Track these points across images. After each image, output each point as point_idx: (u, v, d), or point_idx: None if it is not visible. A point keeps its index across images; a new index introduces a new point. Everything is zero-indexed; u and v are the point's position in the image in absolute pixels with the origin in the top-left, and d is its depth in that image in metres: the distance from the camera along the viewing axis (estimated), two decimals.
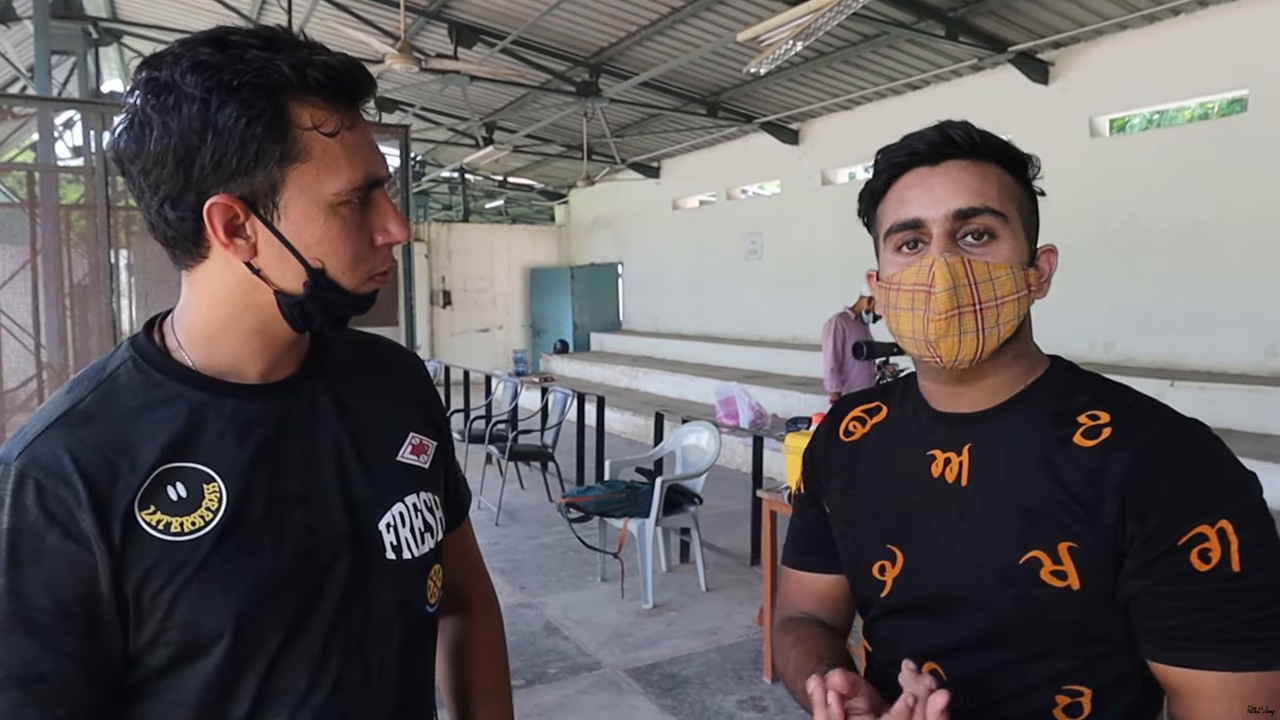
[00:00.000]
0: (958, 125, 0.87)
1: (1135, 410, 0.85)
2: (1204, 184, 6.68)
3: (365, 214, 0.79)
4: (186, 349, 0.81)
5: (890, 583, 0.93)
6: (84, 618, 0.73)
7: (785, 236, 10.94)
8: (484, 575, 1.13)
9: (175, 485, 0.76)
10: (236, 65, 0.71)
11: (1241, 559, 0.76)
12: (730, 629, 4.15)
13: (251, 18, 9.23)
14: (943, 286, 0.82)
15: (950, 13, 7.16)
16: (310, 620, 0.81)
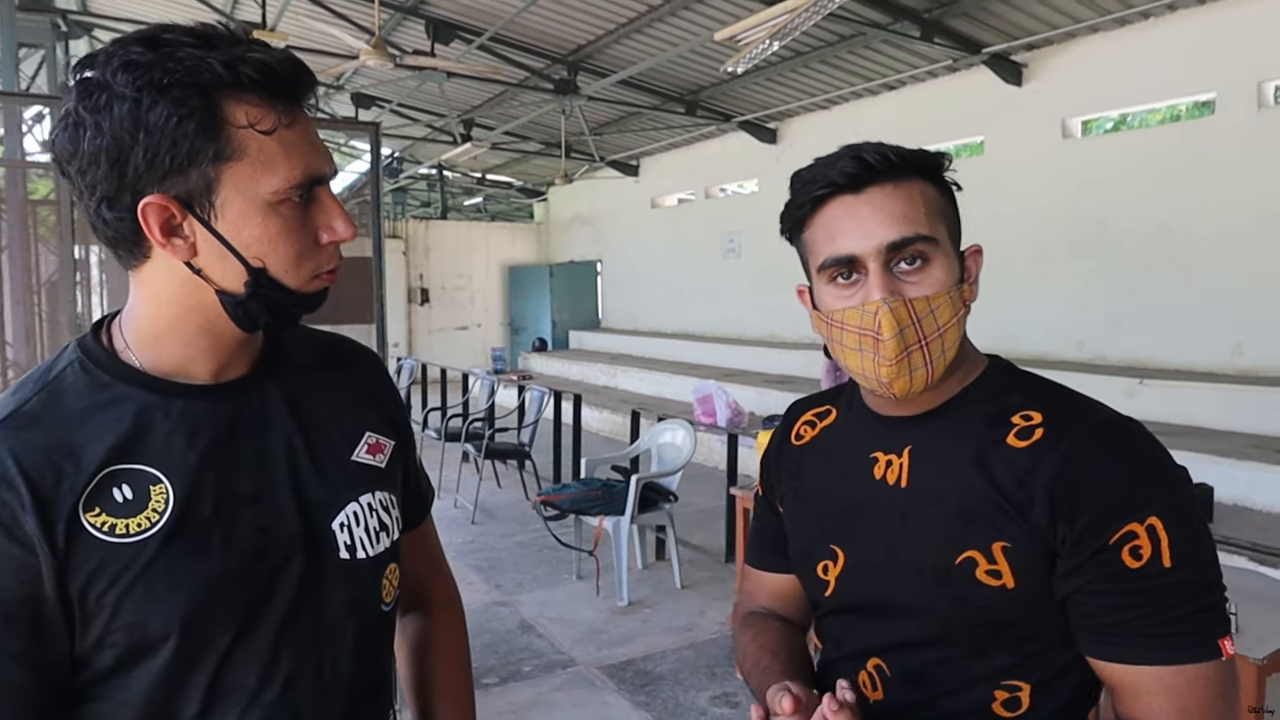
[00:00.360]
0: (871, 149, 0.86)
1: (1067, 410, 0.87)
2: (1173, 186, 6.79)
3: (309, 212, 0.78)
4: (134, 350, 0.81)
5: (833, 582, 0.95)
6: (28, 619, 0.73)
7: (763, 235, 10.96)
8: (446, 573, 1.12)
9: (121, 487, 0.76)
10: (167, 64, 0.70)
11: (1172, 554, 0.78)
12: (704, 625, 4.17)
13: (225, 11, 9.13)
14: (890, 333, 0.83)
15: (925, 14, 7.22)
16: (260, 620, 0.81)
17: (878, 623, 0.90)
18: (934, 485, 0.88)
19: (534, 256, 16.49)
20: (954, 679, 0.87)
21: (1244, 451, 5.37)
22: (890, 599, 0.90)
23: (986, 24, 7.37)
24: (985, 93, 8.08)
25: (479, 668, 3.62)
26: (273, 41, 3.21)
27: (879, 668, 0.90)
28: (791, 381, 8.95)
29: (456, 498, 6.51)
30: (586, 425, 7.58)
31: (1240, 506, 5.10)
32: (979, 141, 8.65)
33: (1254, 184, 6.29)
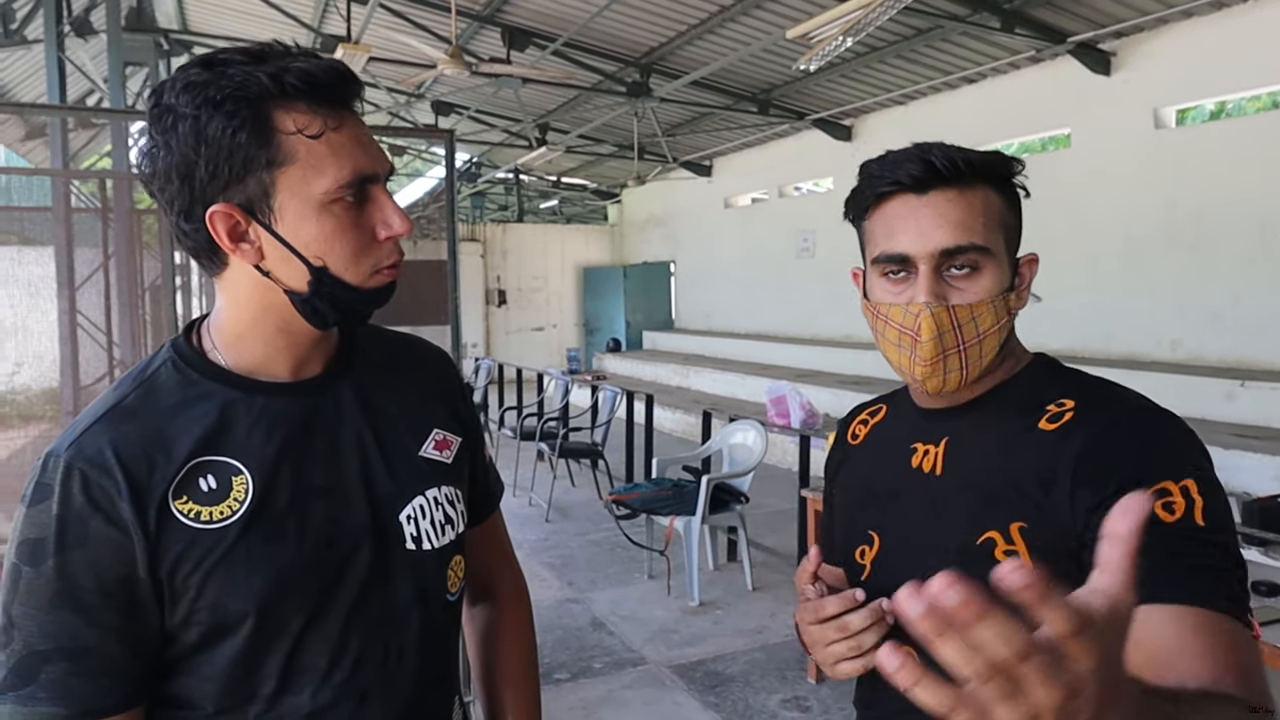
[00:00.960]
0: (939, 152, 0.87)
1: (1100, 397, 0.87)
2: (1276, 176, 6.42)
3: (364, 210, 0.82)
4: (220, 350, 0.87)
5: (869, 565, 0.98)
6: (124, 597, 0.79)
7: (838, 234, 10.72)
8: (514, 565, 1.16)
9: (206, 477, 0.82)
10: (220, 81, 0.76)
11: (1205, 516, 0.76)
12: (775, 628, 4.15)
13: (313, 26, 9.50)
14: (929, 336, 0.86)
15: (1006, 4, 7.01)
16: (331, 605, 0.85)
17: None
18: (965, 472, 0.91)
19: (608, 258, 16.63)
20: None
21: None
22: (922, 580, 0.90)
23: (1071, 12, 7.11)
24: (1071, 83, 7.79)
25: (551, 663, 3.69)
26: (356, 54, 3.37)
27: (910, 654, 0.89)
28: (866, 382, 8.80)
29: (531, 495, 6.62)
30: (659, 426, 7.62)
31: None
32: (1065, 134, 8.34)
33: None
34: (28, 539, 0.77)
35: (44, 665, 0.77)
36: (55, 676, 0.77)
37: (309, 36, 9.82)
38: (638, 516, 4.80)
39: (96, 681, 0.78)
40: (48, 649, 0.77)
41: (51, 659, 0.77)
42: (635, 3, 8.08)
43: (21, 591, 0.77)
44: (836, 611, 0.87)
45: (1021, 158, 0.93)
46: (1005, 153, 0.92)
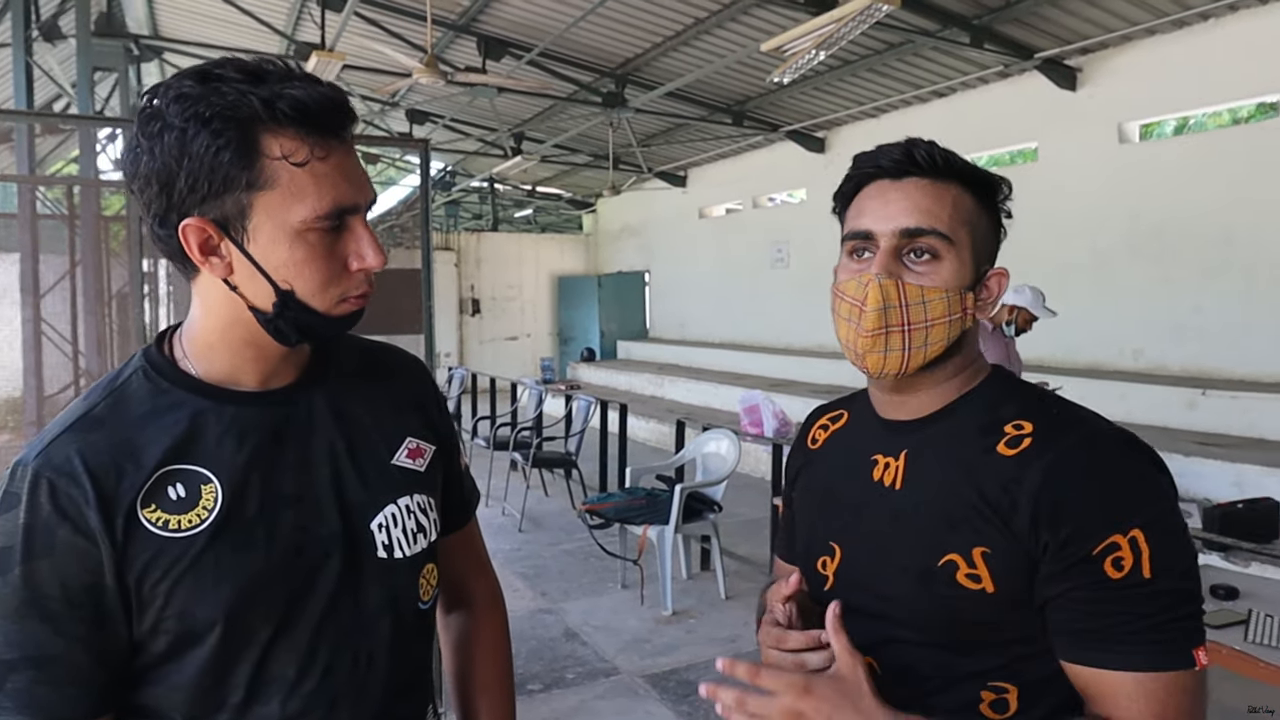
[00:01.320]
0: (923, 144, 0.90)
1: (1057, 421, 0.88)
2: (1237, 190, 6.58)
3: (340, 239, 0.82)
4: (191, 359, 0.87)
5: (831, 576, 0.98)
6: (90, 606, 0.78)
7: (812, 244, 10.92)
8: (489, 572, 1.17)
9: (175, 485, 0.82)
10: (212, 97, 0.76)
11: (1152, 566, 0.79)
12: (749, 637, 4.16)
13: (286, 33, 9.44)
14: (873, 306, 0.87)
15: (975, 20, 7.14)
16: (300, 613, 0.85)
17: (870, 620, 0.93)
18: (924, 489, 0.91)
19: (582, 267, 16.64)
20: (941, 677, 0.89)
21: None
22: (880, 597, 0.92)
23: (1038, 29, 7.26)
24: (1038, 98, 7.94)
25: (524, 674, 3.67)
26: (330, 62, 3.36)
27: (870, 665, 0.92)
28: (839, 391, 8.79)
29: (504, 505, 6.60)
30: (633, 435, 7.63)
31: None
32: (1033, 148, 8.50)
33: None
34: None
35: (9, 675, 0.76)
36: (21, 686, 0.76)
37: (282, 43, 9.75)
38: (611, 526, 4.80)
39: (63, 690, 0.78)
40: (13, 658, 0.76)
41: (17, 668, 0.76)
42: (611, 14, 8.12)
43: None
44: (798, 647, 0.90)
45: (1007, 179, 0.95)
46: (989, 170, 0.94)
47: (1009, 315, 4.85)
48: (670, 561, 4.50)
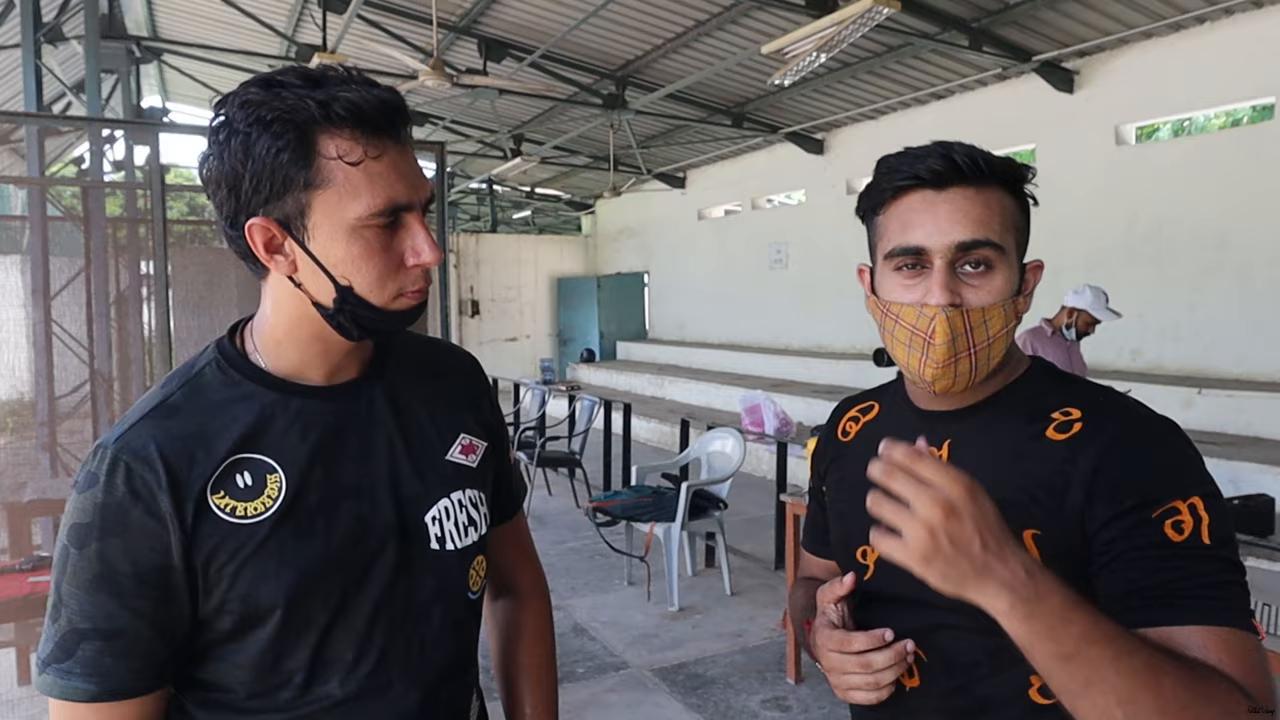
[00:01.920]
0: (961, 150, 0.88)
1: (1104, 406, 0.90)
2: (1233, 192, 6.66)
3: (395, 236, 0.86)
4: (261, 353, 0.92)
5: (873, 566, 0.98)
6: (157, 584, 0.83)
7: (810, 246, 10.99)
8: (535, 563, 1.21)
9: (243, 474, 0.86)
10: (273, 102, 0.80)
11: (1211, 534, 0.80)
12: (755, 631, 4.22)
13: (287, 35, 9.48)
14: (943, 340, 0.87)
15: (974, 23, 7.20)
16: (357, 600, 0.90)
17: (914, 609, 0.92)
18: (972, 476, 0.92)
19: (582, 269, 16.68)
20: (988, 664, 0.89)
21: None
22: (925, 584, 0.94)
23: (1036, 31, 7.33)
24: (1036, 101, 8.02)
25: None
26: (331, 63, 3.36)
27: (915, 655, 0.92)
28: (839, 391, 8.94)
29: None
30: (635, 435, 7.67)
31: None
32: (1030, 150, 8.57)
33: None
34: (76, 523, 0.82)
35: (81, 642, 0.82)
36: (90, 654, 0.81)
37: (282, 45, 9.79)
38: (618, 524, 4.85)
39: (127, 663, 0.82)
40: (86, 628, 0.82)
41: (88, 637, 0.81)
42: (612, 16, 8.18)
43: (69, 571, 0.82)
44: (863, 648, 0.89)
45: (1030, 166, 0.95)
46: (1017, 160, 0.94)
47: (1069, 318, 4.57)
48: (676, 558, 4.55)
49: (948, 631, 0.91)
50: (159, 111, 10.84)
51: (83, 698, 0.81)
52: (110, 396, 4.23)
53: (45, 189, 4.29)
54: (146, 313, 5.08)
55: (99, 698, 0.82)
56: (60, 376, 4.44)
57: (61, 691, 0.81)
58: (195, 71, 11.59)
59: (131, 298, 4.79)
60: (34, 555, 3.01)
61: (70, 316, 4.39)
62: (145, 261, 4.98)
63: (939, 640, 0.92)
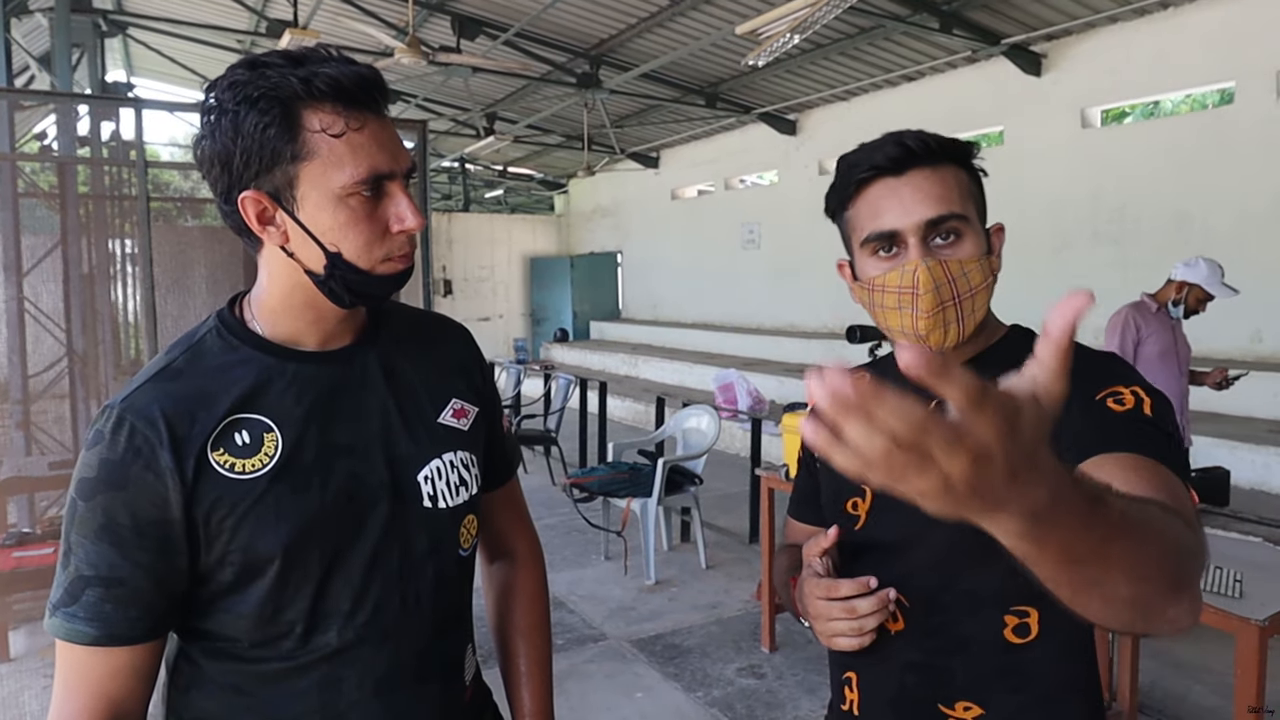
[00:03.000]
0: (913, 136, 0.96)
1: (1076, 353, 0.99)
2: (1192, 174, 6.84)
3: (379, 204, 0.90)
4: (258, 320, 0.97)
5: (863, 515, 1.05)
6: (156, 537, 0.88)
7: (783, 226, 11.08)
8: (530, 527, 1.26)
9: (241, 432, 0.91)
10: (259, 81, 0.85)
11: (1153, 410, 0.88)
12: (730, 603, 4.32)
13: (257, 9, 9.33)
14: (927, 289, 0.94)
15: (944, 6, 7.29)
16: (352, 553, 0.95)
17: (899, 555, 0.99)
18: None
19: (555, 248, 16.65)
20: (966, 604, 0.96)
21: (1261, 436, 5.45)
22: (912, 526, 1.01)
23: (1005, 15, 7.43)
24: (1005, 83, 8.14)
25: None
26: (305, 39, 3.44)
27: (899, 601, 0.99)
28: None
29: None
30: (609, 414, 7.75)
31: (1258, 490, 5.19)
32: (999, 131, 8.71)
33: (1272, 172, 6.35)
34: (83, 478, 0.87)
35: (86, 588, 0.87)
36: (93, 600, 0.86)
37: (251, 19, 9.64)
38: (595, 499, 4.92)
39: (126, 610, 0.87)
40: (90, 574, 0.87)
41: (92, 584, 0.86)
42: None
43: (76, 521, 0.87)
44: (849, 594, 0.94)
45: (975, 141, 1.05)
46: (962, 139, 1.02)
47: (1177, 293, 4.13)
48: (653, 533, 4.64)
49: (927, 574, 0.98)
50: (124, 86, 10.63)
51: (84, 640, 0.87)
52: (86, 374, 4.21)
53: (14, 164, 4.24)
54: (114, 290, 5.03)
55: (98, 641, 0.87)
56: (34, 354, 4.41)
57: (66, 633, 0.87)
58: (161, 46, 11.37)
59: (100, 276, 4.75)
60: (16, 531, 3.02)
61: (46, 294, 4.34)
62: (112, 239, 4.93)
63: (920, 584, 0.99)
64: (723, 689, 3.44)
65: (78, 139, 7.12)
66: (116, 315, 5.08)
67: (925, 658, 1.00)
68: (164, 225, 4.90)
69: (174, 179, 16.18)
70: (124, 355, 5.00)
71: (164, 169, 9.82)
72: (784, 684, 3.47)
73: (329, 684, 0.95)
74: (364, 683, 0.96)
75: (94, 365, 4.45)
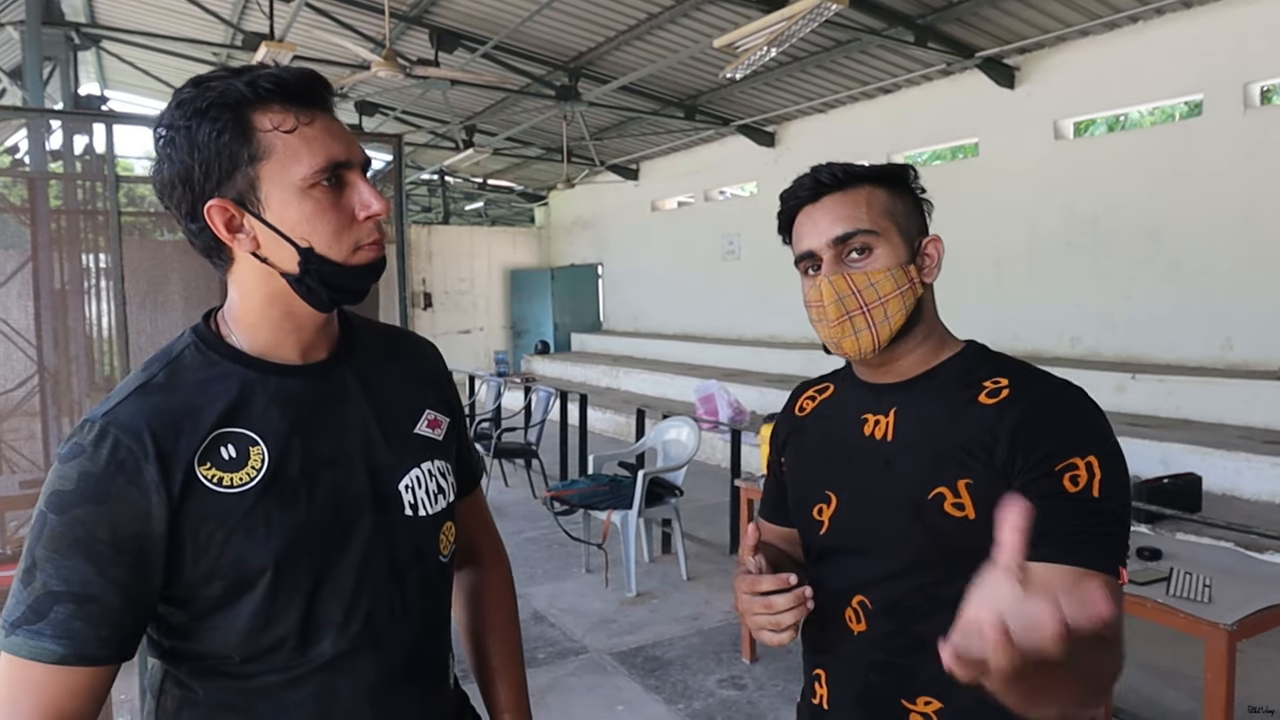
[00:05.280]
0: (825, 169, 1.07)
1: (1028, 377, 1.05)
2: (1163, 185, 6.95)
3: (342, 194, 0.92)
4: (236, 335, 0.97)
5: (827, 521, 1.11)
6: (133, 552, 0.87)
7: (763, 237, 11.10)
8: (493, 531, 1.29)
9: (227, 446, 0.91)
10: (204, 93, 0.88)
11: (1101, 488, 0.95)
12: (710, 615, 4.32)
13: (233, 22, 9.29)
14: (830, 300, 1.04)
15: (919, 19, 7.38)
16: (340, 563, 0.96)
17: (862, 559, 1.05)
18: (914, 437, 1.06)
19: (535, 260, 16.65)
20: (925, 605, 1.02)
21: (1232, 443, 5.52)
22: (873, 533, 1.06)
23: (979, 29, 7.54)
24: (979, 96, 8.25)
25: None
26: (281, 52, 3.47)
27: (862, 603, 1.06)
28: (791, 380, 9.07)
29: None
30: (590, 426, 7.73)
31: (1229, 496, 5.25)
32: (974, 143, 8.81)
33: (1240, 183, 6.46)
34: (57, 490, 0.86)
35: (55, 605, 0.84)
36: (62, 617, 0.84)
37: (227, 33, 9.60)
38: (575, 512, 4.91)
39: (96, 628, 0.85)
40: (60, 590, 0.84)
41: (62, 600, 0.84)
42: (565, 8, 8.19)
43: (46, 536, 0.85)
44: (768, 589, 1.00)
45: (910, 165, 1.12)
46: (895, 164, 1.11)
47: None
48: (634, 545, 4.63)
49: (889, 579, 1.04)
50: (97, 100, 10.54)
51: (50, 659, 0.84)
52: (58, 391, 4.15)
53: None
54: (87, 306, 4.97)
55: (64, 660, 0.84)
56: (4, 371, 4.34)
57: (30, 651, 0.84)
58: (136, 59, 11.30)
59: (73, 291, 4.69)
60: None
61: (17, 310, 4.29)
62: (86, 254, 4.88)
63: (882, 587, 1.05)
64: (704, 700, 3.44)
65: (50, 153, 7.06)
66: (90, 331, 5.02)
67: (888, 657, 1.06)
68: (139, 239, 4.85)
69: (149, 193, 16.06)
70: (97, 372, 4.94)
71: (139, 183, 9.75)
72: (764, 694, 3.47)
73: (324, 694, 0.96)
74: (358, 690, 0.97)
75: (66, 382, 4.39)
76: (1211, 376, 6.36)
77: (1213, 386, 6.24)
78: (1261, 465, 5.20)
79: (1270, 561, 2.69)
